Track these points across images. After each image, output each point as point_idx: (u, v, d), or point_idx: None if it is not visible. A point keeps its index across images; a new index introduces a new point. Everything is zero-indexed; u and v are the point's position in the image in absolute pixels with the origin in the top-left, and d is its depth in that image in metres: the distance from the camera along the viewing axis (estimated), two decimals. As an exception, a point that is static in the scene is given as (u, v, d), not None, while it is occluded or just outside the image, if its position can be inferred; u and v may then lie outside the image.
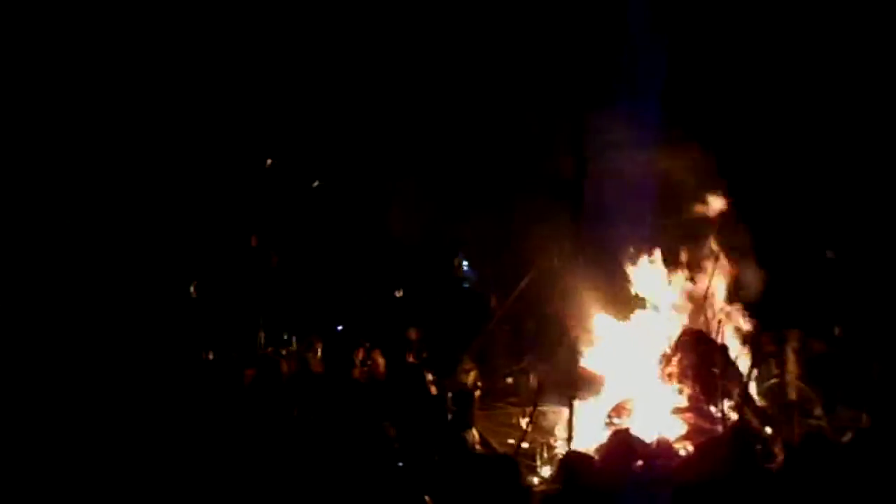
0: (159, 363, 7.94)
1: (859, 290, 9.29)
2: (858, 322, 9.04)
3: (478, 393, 9.09)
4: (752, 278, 8.80)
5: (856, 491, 4.94)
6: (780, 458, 6.33)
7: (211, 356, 8.98)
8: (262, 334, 9.86)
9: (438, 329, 10.03)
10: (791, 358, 9.05)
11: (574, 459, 5.96)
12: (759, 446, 6.82)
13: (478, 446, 7.45)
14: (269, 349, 9.51)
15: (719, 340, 8.23)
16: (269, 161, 11.42)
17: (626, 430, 6.96)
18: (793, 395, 8.61)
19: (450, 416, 7.24)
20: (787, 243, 9.60)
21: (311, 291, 10.57)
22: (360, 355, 9.10)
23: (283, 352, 9.43)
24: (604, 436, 7.35)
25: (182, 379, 7.40)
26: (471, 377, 9.46)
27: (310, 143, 11.90)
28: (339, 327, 10.12)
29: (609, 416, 8.05)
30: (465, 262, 11.76)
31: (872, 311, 9.07)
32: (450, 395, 7.69)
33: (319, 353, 8.93)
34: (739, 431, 6.63)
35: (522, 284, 9.17)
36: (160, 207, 10.45)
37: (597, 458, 6.42)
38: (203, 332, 9.29)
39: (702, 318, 8.53)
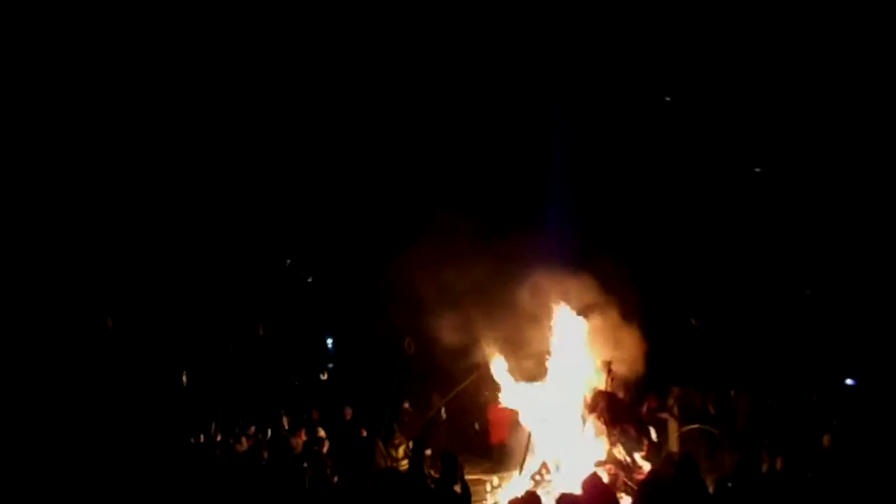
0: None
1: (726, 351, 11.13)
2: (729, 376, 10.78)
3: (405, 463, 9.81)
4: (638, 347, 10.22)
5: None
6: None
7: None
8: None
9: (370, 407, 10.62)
10: (673, 411, 10.61)
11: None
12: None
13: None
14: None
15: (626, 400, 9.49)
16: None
17: (533, 493, 7.81)
18: (674, 446, 10.02)
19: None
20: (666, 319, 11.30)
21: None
22: (303, 435, 9.54)
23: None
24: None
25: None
26: (401, 450, 10.12)
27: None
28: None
29: (536, 474, 8.99)
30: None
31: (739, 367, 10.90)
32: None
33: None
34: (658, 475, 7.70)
35: (466, 383, 10.07)
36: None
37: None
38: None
39: (604, 382, 9.73)
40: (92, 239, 11.08)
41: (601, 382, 9.34)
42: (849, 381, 12.56)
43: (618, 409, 9.24)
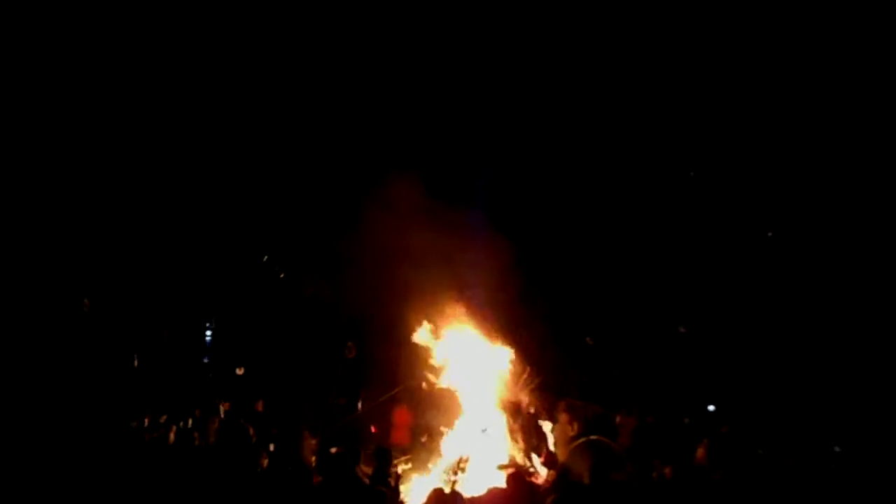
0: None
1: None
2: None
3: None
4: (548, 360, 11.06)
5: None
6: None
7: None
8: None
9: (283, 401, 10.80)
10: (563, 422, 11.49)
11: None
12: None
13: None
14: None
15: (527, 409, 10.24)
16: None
17: (440, 489, 8.39)
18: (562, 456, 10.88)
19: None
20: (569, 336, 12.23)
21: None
22: (216, 424, 9.58)
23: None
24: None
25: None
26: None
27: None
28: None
29: (448, 473, 9.53)
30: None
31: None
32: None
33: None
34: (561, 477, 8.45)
35: (391, 393, 10.48)
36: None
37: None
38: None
39: (514, 391, 10.47)
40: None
41: (513, 392, 10.08)
42: (710, 407, 14.30)
43: (526, 419, 9.99)
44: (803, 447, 9.70)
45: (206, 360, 16.49)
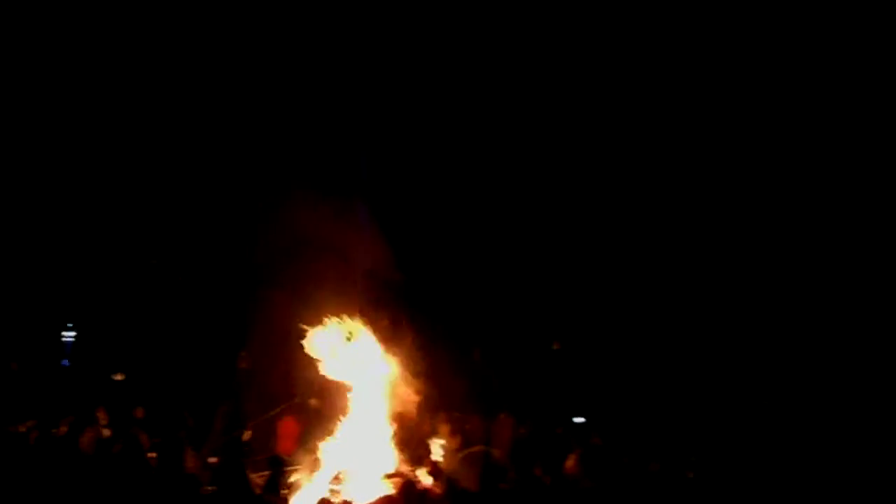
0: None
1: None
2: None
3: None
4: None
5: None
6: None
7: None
8: None
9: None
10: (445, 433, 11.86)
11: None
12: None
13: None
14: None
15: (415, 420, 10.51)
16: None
17: (326, 499, 8.56)
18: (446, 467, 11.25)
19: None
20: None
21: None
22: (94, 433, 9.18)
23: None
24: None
25: None
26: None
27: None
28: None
29: (333, 483, 9.61)
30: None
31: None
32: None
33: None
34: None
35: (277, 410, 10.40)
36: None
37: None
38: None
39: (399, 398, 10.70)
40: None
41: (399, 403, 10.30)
42: (578, 419, 15.15)
43: (411, 430, 10.26)
44: (665, 455, 10.53)
45: (65, 364, 15.65)
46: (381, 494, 8.59)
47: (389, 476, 9.90)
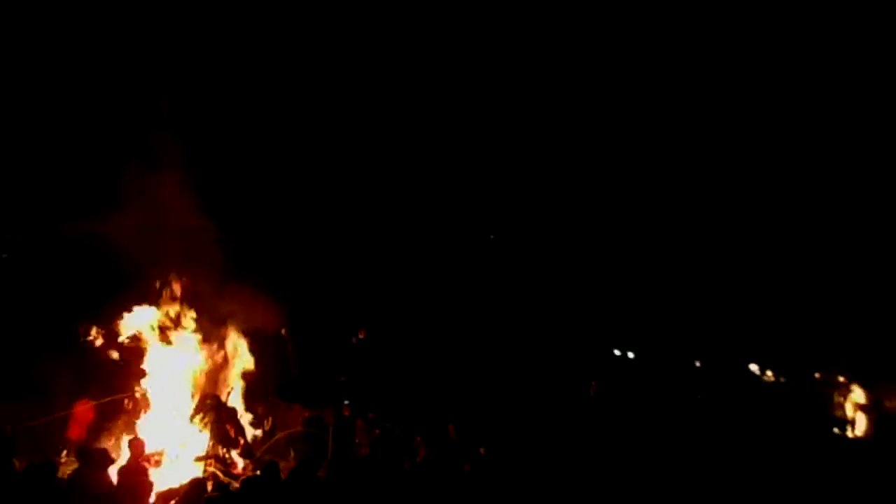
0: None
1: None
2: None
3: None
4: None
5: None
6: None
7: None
8: None
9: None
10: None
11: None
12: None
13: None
14: None
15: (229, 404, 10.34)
16: None
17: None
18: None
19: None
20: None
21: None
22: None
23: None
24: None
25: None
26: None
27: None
28: None
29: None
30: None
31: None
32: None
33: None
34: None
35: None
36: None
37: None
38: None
39: (218, 384, 10.44)
40: None
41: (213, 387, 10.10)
42: None
43: (224, 413, 10.05)
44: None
45: None
46: (192, 477, 8.33)
47: (201, 458, 9.68)
